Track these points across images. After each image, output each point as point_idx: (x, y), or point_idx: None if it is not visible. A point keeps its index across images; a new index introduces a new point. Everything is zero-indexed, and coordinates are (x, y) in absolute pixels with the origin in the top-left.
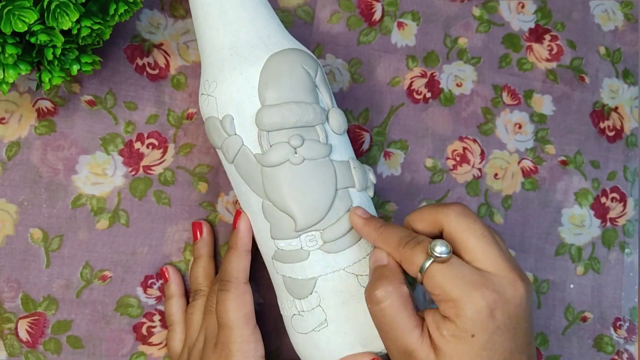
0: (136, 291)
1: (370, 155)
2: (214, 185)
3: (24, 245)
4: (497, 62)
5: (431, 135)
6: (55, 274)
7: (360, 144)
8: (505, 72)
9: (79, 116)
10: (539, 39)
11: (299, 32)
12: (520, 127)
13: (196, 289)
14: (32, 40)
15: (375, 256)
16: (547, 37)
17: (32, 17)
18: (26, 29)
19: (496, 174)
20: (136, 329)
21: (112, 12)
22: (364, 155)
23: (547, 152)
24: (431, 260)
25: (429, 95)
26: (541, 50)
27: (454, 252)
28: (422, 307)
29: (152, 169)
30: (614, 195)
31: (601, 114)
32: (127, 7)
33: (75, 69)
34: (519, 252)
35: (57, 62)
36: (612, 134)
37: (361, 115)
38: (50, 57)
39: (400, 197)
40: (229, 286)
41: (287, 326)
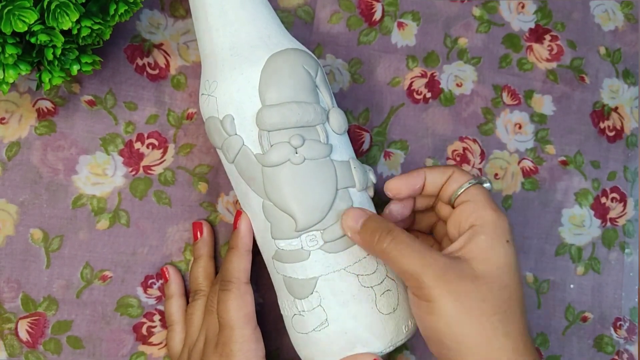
0: (136, 291)
1: (370, 155)
2: (215, 185)
3: (24, 245)
4: (498, 62)
5: (431, 135)
6: (55, 274)
7: (360, 144)
8: (505, 72)
9: (79, 116)
10: (539, 39)
11: (299, 32)
12: (520, 127)
13: (196, 289)
14: (32, 40)
15: (354, 214)
16: (548, 37)
17: (32, 17)
18: (26, 29)
19: (496, 174)
20: (136, 329)
21: (112, 12)
22: (364, 155)
23: (547, 152)
24: (481, 181)
25: (429, 95)
26: (541, 50)
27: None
28: None
29: (152, 169)
30: (614, 195)
31: (601, 114)
32: (127, 7)
33: (75, 69)
34: (519, 252)
35: (57, 62)
36: (612, 134)
37: (361, 115)
38: (50, 57)
39: None
40: (230, 286)
41: (288, 326)
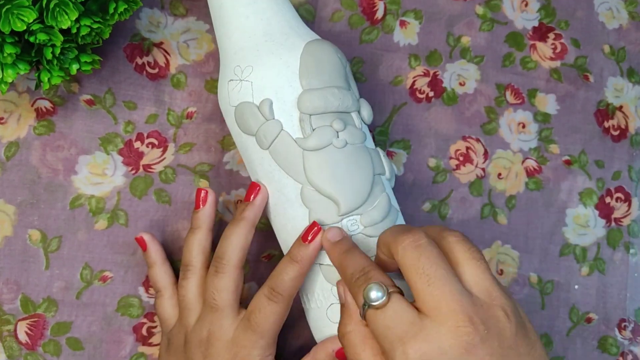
0: (138, 291)
1: None
2: (215, 184)
3: (22, 246)
4: (501, 60)
5: (434, 134)
6: (54, 275)
7: None
8: (508, 71)
9: (78, 116)
10: (543, 38)
11: None
12: (524, 127)
13: (187, 263)
14: (31, 39)
15: (338, 290)
16: (551, 35)
17: (31, 16)
18: (25, 28)
19: (500, 174)
20: (136, 330)
21: (111, 11)
22: None
23: (551, 151)
24: (367, 306)
25: (431, 94)
26: (545, 48)
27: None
28: None
29: (152, 167)
30: (618, 195)
31: (605, 113)
32: (126, 6)
33: (74, 68)
34: (523, 253)
35: (56, 62)
36: (616, 133)
37: None
38: (49, 56)
39: (402, 197)
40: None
41: (319, 319)
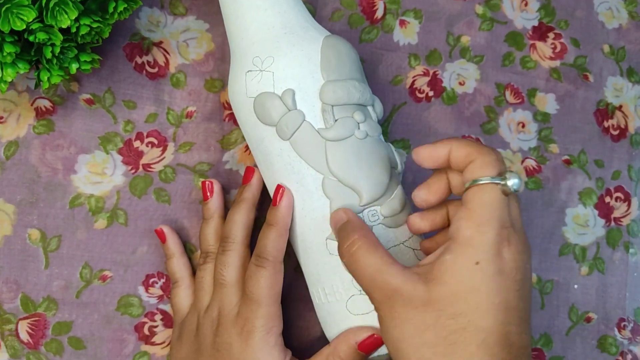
0: (138, 290)
1: None
2: None
3: (22, 245)
4: (500, 60)
5: (434, 134)
6: (54, 275)
7: None
8: (508, 70)
9: (77, 115)
10: (543, 37)
11: None
12: (523, 126)
13: (207, 250)
14: (31, 38)
15: (335, 217)
16: (551, 35)
17: (30, 15)
18: (25, 27)
19: None
20: (138, 329)
21: (111, 10)
22: None
23: (550, 151)
24: (500, 179)
25: (431, 94)
26: (545, 48)
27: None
28: None
29: (152, 166)
30: (618, 194)
31: (605, 112)
32: (126, 5)
33: (74, 67)
34: None
35: (55, 61)
36: (616, 132)
37: None
38: (49, 55)
39: None
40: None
41: (336, 312)
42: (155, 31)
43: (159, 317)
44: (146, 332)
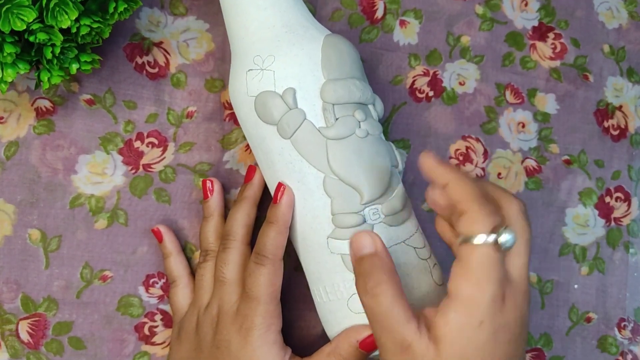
0: (138, 290)
1: None
2: None
3: (22, 245)
4: (501, 60)
5: (434, 134)
6: (54, 275)
7: None
8: (508, 70)
9: (78, 115)
10: (543, 37)
11: None
12: (523, 126)
13: (206, 249)
14: (31, 39)
15: (359, 242)
16: (551, 35)
17: (31, 15)
18: (25, 27)
19: (499, 174)
20: (138, 329)
21: (111, 10)
22: None
23: (550, 151)
24: (492, 238)
25: (431, 94)
26: (545, 48)
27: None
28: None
29: (152, 166)
30: (618, 194)
31: (605, 112)
32: (126, 6)
33: (74, 67)
34: None
35: (56, 61)
36: (616, 132)
37: None
38: (49, 56)
39: None
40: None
41: (337, 310)
42: (155, 31)
43: (159, 317)
44: (146, 332)
